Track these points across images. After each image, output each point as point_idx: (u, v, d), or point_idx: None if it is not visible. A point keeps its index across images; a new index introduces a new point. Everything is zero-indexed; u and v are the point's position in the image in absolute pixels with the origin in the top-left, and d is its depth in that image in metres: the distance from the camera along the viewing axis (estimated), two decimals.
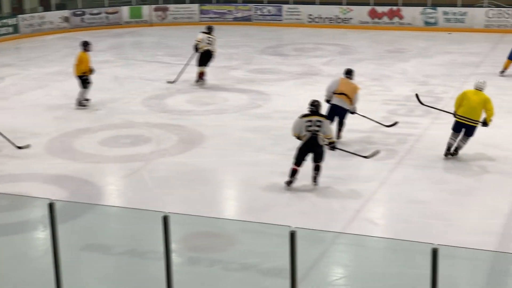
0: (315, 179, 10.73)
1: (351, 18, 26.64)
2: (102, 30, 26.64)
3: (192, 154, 12.49)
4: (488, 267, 7.34)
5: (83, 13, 26.97)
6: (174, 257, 6.69)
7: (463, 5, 25.65)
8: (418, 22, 25.87)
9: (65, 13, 26.68)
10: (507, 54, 18.18)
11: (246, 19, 27.80)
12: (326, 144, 10.83)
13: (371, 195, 10.42)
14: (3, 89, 17.52)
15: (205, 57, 17.30)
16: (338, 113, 12.72)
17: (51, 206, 6.51)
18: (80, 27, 26.61)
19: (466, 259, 7.63)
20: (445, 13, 25.57)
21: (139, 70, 19.65)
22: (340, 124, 12.88)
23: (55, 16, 26.38)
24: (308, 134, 10.60)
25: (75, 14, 26.78)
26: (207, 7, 28.36)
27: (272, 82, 17.74)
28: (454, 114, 12.07)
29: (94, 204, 9.87)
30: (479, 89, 11.98)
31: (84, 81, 15.40)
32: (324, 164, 10.78)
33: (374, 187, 10.70)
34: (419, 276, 6.53)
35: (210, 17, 28.01)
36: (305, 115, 10.83)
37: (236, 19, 27.92)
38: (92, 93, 15.90)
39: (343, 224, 9.40)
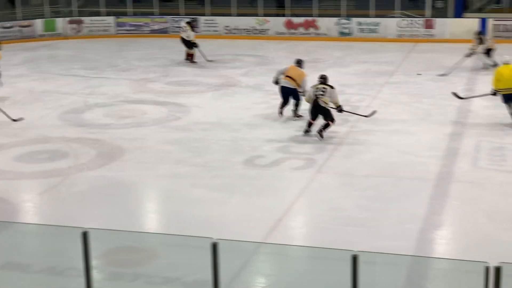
0: (320, 132, 13.34)
1: (267, 29, 26.92)
2: (16, 43, 26.07)
3: (111, 168, 12.35)
4: (407, 271, 7.52)
5: None
6: (95, 273, 6.61)
7: (376, 16, 26.29)
8: (333, 32, 26.36)
9: None
10: (419, 62, 18.72)
11: (163, 32, 27.72)
12: (334, 108, 13.56)
13: (291, 204, 10.54)
14: None
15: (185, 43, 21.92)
16: (287, 92, 15.02)
17: None
18: None
19: (385, 264, 7.80)
20: (359, 23, 26.15)
21: (55, 83, 19.32)
22: (296, 105, 15.04)
23: None
24: (313, 97, 13.33)
25: None
26: (123, 19, 28.13)
27: (191, 94, 17.74)
28: (495, 92, 14.38)
29: (10, 222, 9.64)
30: (507, 63, 14.40)
31: None
32: (243, 173, 10.85)
33: (294, 196, 10.82)
34: (340, 282, 6.64)
35: (127, 30, 27.81)
36: (314, 85, 13.53)
37: (153, 32, 27.81)
38: (7, 108, 15.54)
39: (264, 234, 9.47)
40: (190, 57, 22.10)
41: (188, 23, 22.40)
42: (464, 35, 24.32)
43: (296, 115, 15.04)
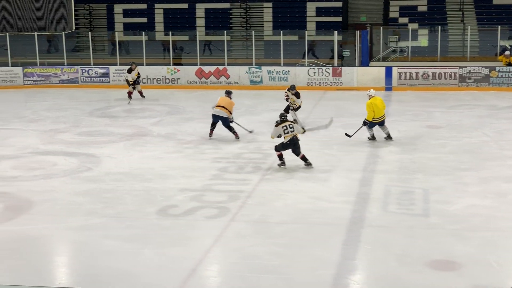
0: (306, 161, 14.89)
1: (178, 78, 27.02)
2: None
3: (19, 221, 11.99)
4: None
5: None
6: None
7: (285, 65, 26.79)
8: (244, 81, 26.69)
9: None
10: (329, 109, 19.08)
11: (72, 82, 27.43)
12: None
13: (205, 253, 10.47)
14: None
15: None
16: (218, 120, 17.69)
17: None
18: None
19: None
20: (270, 72, 26.58)
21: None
22: (228, 128, 17.69)
23: None
24: (289, 136, 14.75)
25: None
26: (31, 69, 27.68)
27: (102, 144, 17.52)
28: (368, 121, 16.99)
29: None
30: (374, 96, 17.15)
31: None
32: (156, 223, 10.73)
33: (208, 245, 10.76)
34: None
35: (35, 80, 27.38)
36: (280, 123, 14.97)
37: (62, 82, 27.48)
38: None
39: (178, 285, 9.35)
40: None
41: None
42: (370, 83, 25.07)
43: (236, 135, 17.73)
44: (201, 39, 29.03)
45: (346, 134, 17.36)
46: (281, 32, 27.42)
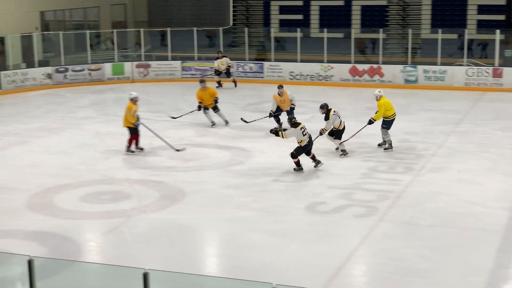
0: (315, 161, 14.64)
1: (332, 76, 26.93)
2: (85, 86, 26.73)
3: (172, 210, 12.43)
4: None
5: (66, 70, 27.06)
6: None
7: (443, 64, 26.04)
8: (399, 79, 26.19)
9: (48, 69, 26.76)
10: (487, 111, 18.38)
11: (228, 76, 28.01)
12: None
13: (352, 252, 10.38)
14: None
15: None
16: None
17: (30, 263, 6.43)
18: (63, 84, 26.67)
19: None
20: (426, 71, 25.92)
21: (120, 126, 19.62)
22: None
23: (38, 72, 26.44)
24: (307, 137, 14.35)
25: (58, 71, 26.86)
26: (188, 63, 28.58)
27: (254, 138, 17.79)
28: (374, 120, 16.34)
29: (73, 261, 9.75)
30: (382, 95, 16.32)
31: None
32: (304, 219, 10.77)
33: (355, 244, 10.67)
34: None
35: (192, 74, 28.21)
36: (297, 125, 14.41)
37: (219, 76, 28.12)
38: (73, 149, 15.88)
39: (324, 281, 9.33)
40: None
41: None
42: None
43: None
44: (356, 37, 28.79)
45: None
46: (440, 30, 26.66)
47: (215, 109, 19.40)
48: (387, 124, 16.31)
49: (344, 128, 15.84)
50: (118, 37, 29.13)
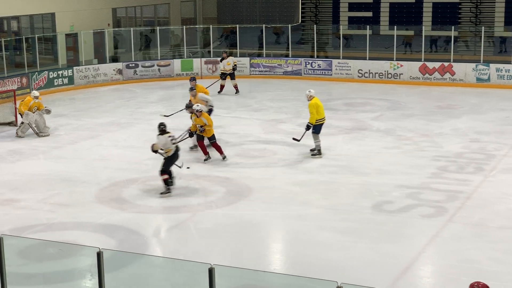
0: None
1: (401, 74, 26.59)
2: (154, 82, 27.08)
3: (238, 206, 12.48)
4: None
5: (136, 66, 27.49)
6: None
7: None
8: (470, 78, 25.67)
9: (119, 65, 27.23)
10: None
11: (296, 73, 27.96)
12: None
13: (419, 253, 10.23)
14: (57, 138, 17.83)
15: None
16: None
17: (99, 255, 6.54)
18: (133, 79, 27.10)
19: None
20: (498, 69, 25.34)
21: (188, 121, 19.80)
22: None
23: (109, 68, 26.95)
24: (174, 147, 13.21)
25: (128, 67, 27.31)
26: (257, 60, 28.65)
27: (321, 136, 17.66)
28: (311, 124, 15.53)
29: (140, 254, 9.89)
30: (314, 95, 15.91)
31: None
32: (370, 218, 10.67)
33: (423, 244, 10.51)
34: None
35: (260, 71, 28.26)
36: (164, 133, 13.27)
37: (286, 73, 28.12)
38: (142, 144, 16.09)
39: (390, 281, 9.22)
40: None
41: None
42: None
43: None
44: (427, 34, 28.36)
45: (294, 139, 15.99)
46: None
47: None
48: (315, 128, 15.68)
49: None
50: (187, 33, 29.42)
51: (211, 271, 6.20)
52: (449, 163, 14.91)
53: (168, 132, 13.37)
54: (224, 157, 15.32)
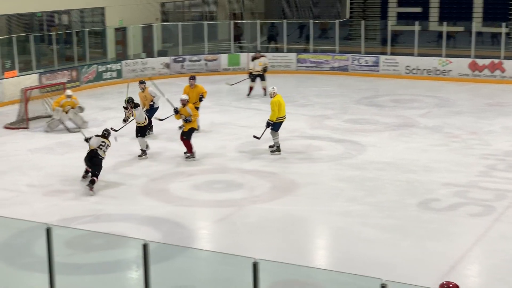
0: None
1: (450, 70, 26.24)
2: (201, 76, 27.17)
3: (283, 201, 12.49)
4: None
5: (183, 60, 27.67)
6: None
7: None
8: None
9: (166, 59, 27.44)
10: None
11: (342, 69, 27.82)
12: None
13: (466, 251, 10.12)
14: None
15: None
16: None
17: (145, 247, 6.62)
18: (180, 73, 27.27)
19: None
20: None
21: (234, 116, 19.91)
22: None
23: (156, 62, 27.18)
24: (103, 153, 13.32)
25: (175, 61, 27.51)
26: (304, 56, 28.58)
27: (367, 132, 17.59)
28: (271, 122, 15.34)
29: (186, 247, 9.98)
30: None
31: None
32: (416, 216, 10.58)
33: (470, 243, 10.39)
34: None
35: (307, 66, 28.18)
36: (102, 136, 13.52)
37: (332, 69, 27.98)
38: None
39: (436, 280, 9.13)
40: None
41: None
42: None
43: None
44: (477, 30, 27.93)
45: (255, 136, 15.63)
46: None
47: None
48: (275, 126, 15.44)
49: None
50: (234, 28, 29.47)
51: (255, 266, 6.23)
52: (497, 162, 14.69)
53: (106, 138, 13.60)
54: (188, 156, 15.14)
